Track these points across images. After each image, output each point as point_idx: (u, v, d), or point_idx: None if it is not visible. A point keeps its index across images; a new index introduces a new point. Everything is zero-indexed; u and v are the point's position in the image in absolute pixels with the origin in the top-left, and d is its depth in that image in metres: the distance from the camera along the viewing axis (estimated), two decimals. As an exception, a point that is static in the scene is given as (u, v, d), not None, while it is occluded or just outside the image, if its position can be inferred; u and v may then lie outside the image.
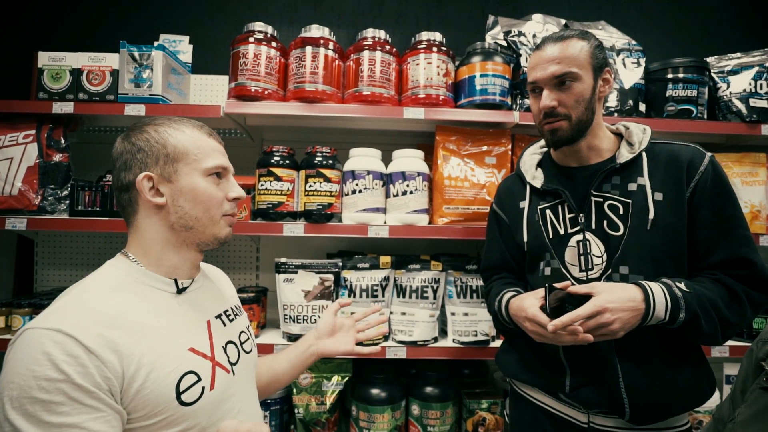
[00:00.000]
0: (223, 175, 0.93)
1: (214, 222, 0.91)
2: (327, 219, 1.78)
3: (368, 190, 1.79)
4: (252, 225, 1.77)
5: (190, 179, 0.88)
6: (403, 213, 1.80)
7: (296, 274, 1.83)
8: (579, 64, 1.21)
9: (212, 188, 0.90)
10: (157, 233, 0.89)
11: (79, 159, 2.01)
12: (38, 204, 1.75)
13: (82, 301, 0.79)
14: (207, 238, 0.92)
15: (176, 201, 0.88)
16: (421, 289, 1.85)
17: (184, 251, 0.92)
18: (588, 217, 1.24)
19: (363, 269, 1.84)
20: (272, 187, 1.78)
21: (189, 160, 0.88)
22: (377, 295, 1.83)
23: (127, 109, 1.71)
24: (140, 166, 0.87)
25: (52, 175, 1.77)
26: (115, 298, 0.82)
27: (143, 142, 0.88)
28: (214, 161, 0.90)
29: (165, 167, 0.87)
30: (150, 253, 0.90)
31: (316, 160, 1.82)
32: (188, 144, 0.89)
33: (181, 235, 0.90)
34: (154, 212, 0.89)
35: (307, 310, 1.83)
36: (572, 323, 1.05)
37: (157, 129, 0.89)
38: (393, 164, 1.87)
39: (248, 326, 1.12)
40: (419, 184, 1.83)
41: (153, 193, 0.88)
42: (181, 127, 0.90)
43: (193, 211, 0.88)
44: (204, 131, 0.92)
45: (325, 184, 1.79)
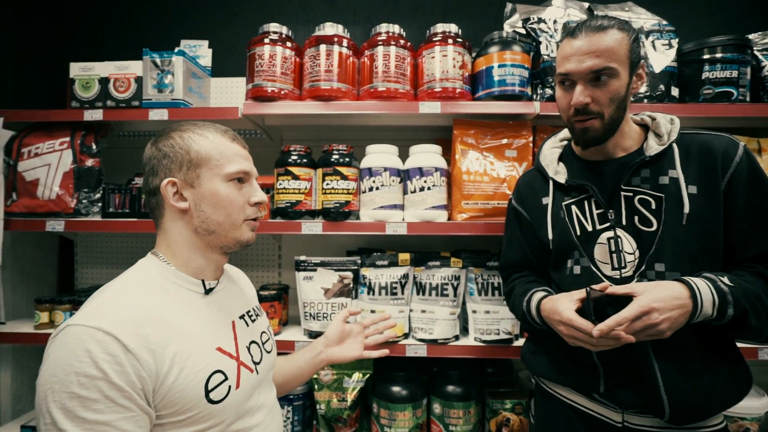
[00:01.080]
0: (246, 180, 0.97)
1: (236, 226, 0.95)
2: (345, 217, 1.82)
3: (385, 186, 1.83)
4: (271, 224, 1.84)
5: (211, 184, 0.91)
6: (421, 209, 1.84)
7: (315, 272, 1.90)
8: (618, 59, 1.17)
9: (233, 193, 0.93)
10: (182, 236, 0.94)
11: (108, 163, 2.15)
12: (74, 207, 1.90)
13: (120, 299, 0.83)
14: (229, 242, 0.96)
15: (199, 206, 0.92)
16: (441, 287, 1.89)
17: (209, 254, 0.96)
18: (618, 213, 1.23)
19: (382, 267, 1.89)
20: (290, 186, 1.86)
21: (211, 165, 0.92)
22: (396, 292, 1.87)
23: (151, 114, 1.84)
24: (165, 171, 0.92)
25: (86, 180, 1.92)
26: (150, 296, 0.86)
27: (168, 148, 0.92)
28: (235, 166, 0.94)
29: (188, 173, 0.91)
30: (177, 254, 0.94)
31: (333, 158, 1.88)
32: (211, 149, 0.92)
33: (204, 239, 0.94)
34: (179, 216, 0.93)
35: (326, 308, 1.90)
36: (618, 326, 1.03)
37: (182, 135, 0.93)
38: (410, 160, 1.91)
39: (268, 326, 1.16)
40: (437, 180, 1.87)
41: (177, 198, 0.92)
42: (205, 133, 0.94)
43: (215, 216, 0.92)
44: (227, 136, 0.96)
45: (342, 182, 1.85)
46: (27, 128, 1.96)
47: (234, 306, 1.04)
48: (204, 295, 0.95)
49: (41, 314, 1.92)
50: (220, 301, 0.99)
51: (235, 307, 1.04)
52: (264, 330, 1.12)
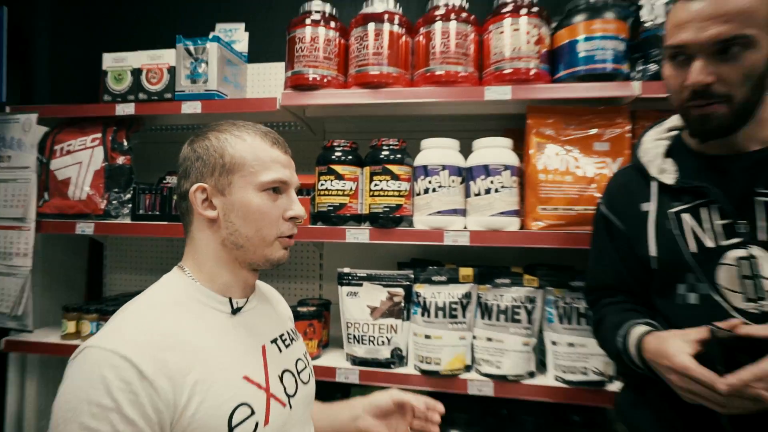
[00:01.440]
0: (283, 190, 0.93)
1: (267, 243, 0.91)
2: (395, 223, 1.70)
3: (444, 188, 1.68)
4: (311, 230, 1.73)
5: (243, 193, 0.89)
6: (487, 215, 1.66)
7: (361, 287, 1.76)
8: (755, 23, 0.97)
9: (266, 205, 0.90)
10: (209, 247, 0.91)
11: (139, 160, 2.08)
12: (104, 208, 1.88)
13: (139, 320, 0.81)
14: (258, 259, 0.92)
15: (228, 216, 0.89)
16: (511, 310, 1.67)
17: (237, 270, 0.93)
18: (752, 225, 1.04)
19: (439, 283, 1.72)
20: (333, 187, 1.74)
21: (245, 172, 0.89)
22: (456, 315, 1.69)
23: (184, 107, 1.77)
24: (197, 175, 0.90)
25: (116, 179, 1.89)
26: (172, 315, 0.83)
27: (203, 150, 0.90)
28: (271, 174, 0.90)
29: (220, 179, 0.89)
30: (204, 268, 0.91)
31: (382, 154, 1.74)
32: (247, 154, 0.89)
33: (232, 253, 0.91)
34: (207, 225, 0.91)
35: (373, 330, 1.75)
36: (757, 381, 0.86)
37: (218, 136, 0.91)
38: (473, 156, 1.72)
39: (305, 353, 1.10)
40: (507, 180, 1.66)
41: (205, 206, 0.89)
42: (243, 135, 0.91)
43: (244, 229, 0.89)
44: (268, 139, 0.93)
45: (392, 183, 1.71)
46: (60, 124, 1.97)
47: (265, 328, 0.99)
48: (231, 314, 0.91)
49: (68, 323, 1.91)
50: (249, 323, 0.95)
51: (267, 329, 1.00)
52: (300, 357, 1.06)
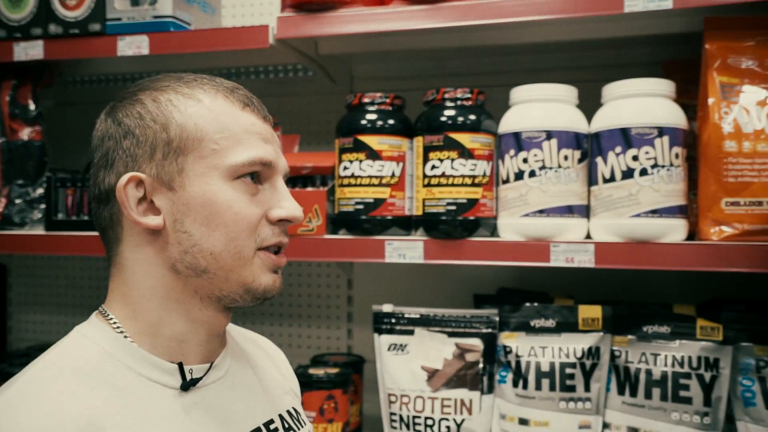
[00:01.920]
0: (266, 177, 0.80)
1: (243, 260, 0.78)
2: (467, 231, 1.27)
3: (550, 170, 1.24)
4: (330, 243, 1.32)
5: (203, 185, 0.76)
6: (627, 217, 1.20)
7: (412, 336, 1.34)
8: None
9: (241, 201, 0.77)
10: (149, 278, 0.78)
11: (56, 133, 1.78)
12: (2, 211, 1.46)
13: (29, 402, 0.68)
14: (232, 289, 0.78)
15: (180, 223, 0.77)
16: (674, 381, 1.19)
17: (196, 311, 0.79)
18: None
19: (543, 330, 1.31)
20: (363, 172, 1.31)
21: (204, 151, 0.77)
22: (574, 387, 1.23)
23: (121, 44, 1.42)
24: (127, 161, 0.77)
25: (20, 164, 1.48)
26: (81, 396, 0.70)
27: (133, 121, 0.77)
28: (246, 153, 0.78)
29: (165, 164, 0.76)
30: (140, 312, 0.78)
31: (445, 115, 1.28)
32: (205, 123, 0.77)
33: (189, 283, 0.77)
34: (146, 241, 0.78)
35: (432, 408, 1.29)
36: None
37: (157, 97, 0.78)
38: (603, 114, 1.26)
39: None
40: (663, 153, 1.19)
41: (143, 209, 0.76)
42: (197, 93, 0.79)
43: (208, 241, 0.77)
44: (236, 98, 0.80)
45: (462, 163, 1.26)
46: None
47: (241, 410, 0.83)
48: (180, 392, 0.76)
49: None
50: (213, 404, 0.79)
51: (244, 413, 0.83)
52: None
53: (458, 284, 1.65)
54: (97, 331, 0.77)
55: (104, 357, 0.75)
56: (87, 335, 0.77)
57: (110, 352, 0.75)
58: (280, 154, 0.83)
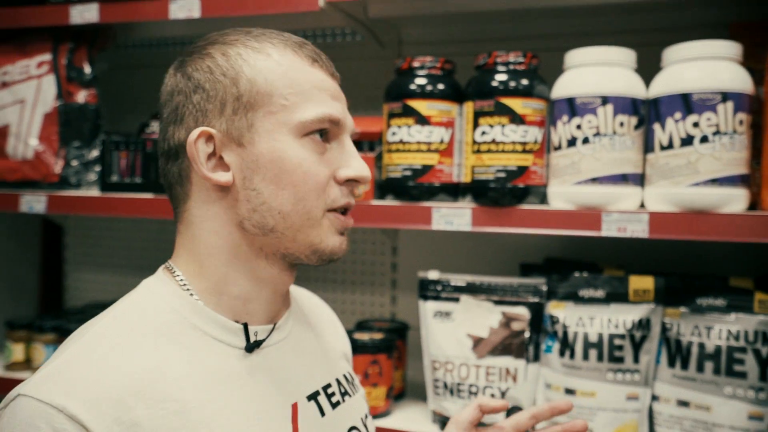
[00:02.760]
0: (333, 136, 0.78)
1: (313, 221, 0.76)
2: (517, 198, 1.24)
3: (604, 137, 1.18)
4: (377, 209, 1.31)
5: (272, 141, 0.75)
6: (685, 186, 1.13)
7: (458, 304, 1.32)
8: None
9: (310, 159, 0.75)
10: (217, 236, 0.77)
11: (109, 96, 1.75)
12: (59, 173, 1.48)
13: (96, 357, 0.69)
14: (299, 249, 0.77)
15: (249, 179, 0.75)
16: (728, 355, 1.14)
17: (262, 270, 0.78)
18: None
19: (592, 301, 1.26)
20: (412, 138, 1.28)
21: (274, 106, 0.75)
22: (622, 358, 1.20)
23: (173, 7, 1.43)
24: (197, 116, 0.75)
25: (76, 126, 1.49)
26: (150, 351, 0.71)
27: (203, 75, 0.76)
28: (316, 109, 0.75)
29: (234, 118, 0.75)
30: (206, 270, 0.77)
31: (496, 79, 1.23)
32: (275, 77, 0.75)
33: (255, 242, 0.76)
34: (215, 198, 0.77)
35: (477, 375, 1.28)
36: None
37: (226, 51, 0.76)
38: (662, 79, 1.18)
39: (366, 414, 0.94)
40: (726, 120, 1.12)
41: (213, 164, 0.75)
42: (266, 47, 0.77)
43: (277, 200, 0.75)
44: (304, 54, 0.78)
45: (512, 129, 1.22)
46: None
47: (301, 374, 0.83)
48: (245, 353, 0.76)
49: (14, 347, 1.59)
50: (274, 365, 0.79)
51: (304, 375, 0.83)
52: (356, 424, 0.88)
53: (504, 253, 1.61)
54: (165, 288, 0.78)
55: (170, 314, 0.76)
56: (155, 291, 0.78)
57: (177, 309, 0.76)
58: (347, 112, 0.81)
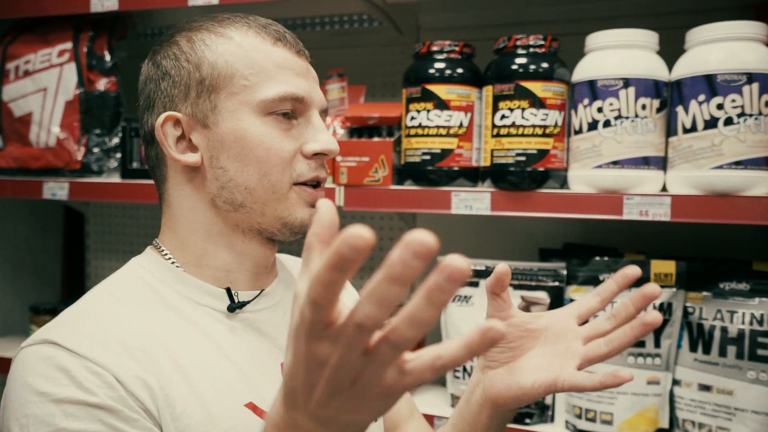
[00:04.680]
0: (299, 113, 0.80)
1: (278, 195, 0.79)
2: (536, 182, 1.24)
3: (626, 120, 1.18)
4: (396, 193, 1.32)
5: (235, 121, 0.78)
6: (707, 169, 1.13)
7: (477, 289, 1.34)
8: None
9: (272, 136, 0.78)
10: (193, 213, 0.80)
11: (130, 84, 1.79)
12: (81, 159, 1.50)
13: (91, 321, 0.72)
14: (269, 223, 0.80)
15: (216, 159, 0.79)
16: (752, 340, 1.15)
17: (238, 243, 0.81)
18: None
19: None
20: (431, 122, 1.28)
21: (235, 87, 0.78)
22: (643, 342, 1.21)
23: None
24: (164, 101, 0.80)
25: (98, 114, 1.51)
26: (141, 314, 0.75)
27: (170, 62, 0.79)
28: (278, 87, 0.78)
29: (199, 102, 0.78)
30: (187, 245, 0.81)
31: (516, 63, 1.23)
32: (236, 59, 0.78)
33: (229, 218, 0.79)
34: (186, 178, 0.80)
35: None
36: None
37: (190, 38, 0.79)
38: (685, 61, 1.18)
39: None
40: (752, 102, 1.11)
41: (182, 147, 0.79)
42: (228, 31, 0.79)
43: (242, 176, 0.78)
44: (267, 34, 0.80)
45: (532, 112, 1.22)
46: (12, 30, 1.60)
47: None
48: (227, 314, 0.80)
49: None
50: (263, 328, 0.82)
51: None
52: None
53: (522, 238, 1.61)
54: (151, 261, 0.81)
55: (158, 283, 0.79)
56: (141, 264, 0.81)
57: (162, 278, 0.79)
58: (316, 87, 0.82)
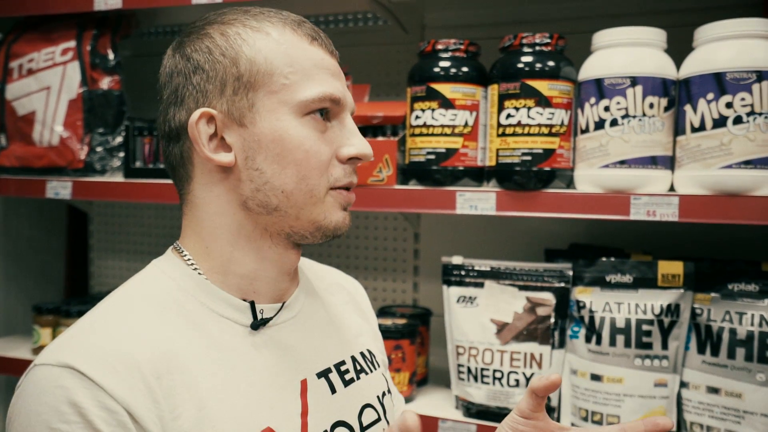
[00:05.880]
0: (334, 114, 0.79)
1: (315, 198, 0.78)
2: (542, 182, 1.24)
3: (633, 119, 1.18)
4: (400, 193, 1.32)
5: (274, 121, 0.76)
6: (716, 168, 1.13)
7: (482, 289, 1.33)
8: None
9: (312, 138, 0.77)
10: (222, 216, 0.79)
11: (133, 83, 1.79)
12: (84, 159, 1.51)
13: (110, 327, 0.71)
14: (303, 227, 0.79)
15: (251, 159, 0.76)
16: (761, 341, 1.14)
17: (267, 249, 0.80)
18: None
19: (620, 286, 1.26)
20: (436, 121, 1.28)
21: (274, 85, 0.76)
22: (650, 344, 1.20)
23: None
24: (197, 97, 0.76)
25: (100, 113, 1.52)
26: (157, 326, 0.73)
27: (202, 55, 0.76)
28: (317, 88, 0.76)
29: (235, 99, 0.76)
30: (212, 250, 0.79)
31: (522, 61, 1.23)
32: (275, 56, 0.76)
33: (260, 221, 0.78)
34: (218, 179, 0.78)
35: (501, 360, 1.29)
36: None
37: (225, 31, 0.77)
38: (694, 59, 1.17)
39: (385, 392, 0.92)
40: (762, 100, 1.11)
41: (215, 145, 0.76)
42: (265, 26, 0.77)
43: (279, 179, 0.76)
44: (303, 32, 0.78)
45: (538, 111, 1.22)
46: (16, 28, 1.61)
47: (311, 351, 0.84)
48: (251, 330, 0.78)
49: (41, 331, 1.63)
50: (283, 343, 0.80)
51: (314, 352, 0.84)
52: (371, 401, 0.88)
53: (528, 239, 1.61)
54: (173, 267, 0.79)
55: (178, 291, 0.77)
56: (163, 269, 0.80)
57: (184, 287, 0.77)
58: (347, 90, 0.81)
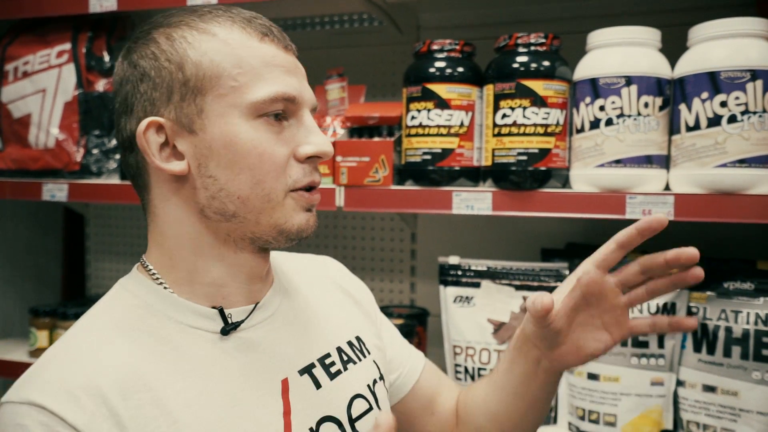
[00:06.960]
0: (290, 114, 0.76)
1: (273, 203, 0.75)
2: (538, 182, 1.25)
3: (628, 118, 1.19)
4: (396, 194, 1.32)
5: (224, 125, 0.73)
6: (711, 167, 1.14)
7: (478, 289, 1.34)
8: None
9: (265, 140, 0.74)
10: (181, 225, 0.76)
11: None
12: (80, 161, 1.52)
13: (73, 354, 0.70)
14: (264, 231, 0.76)
15: (204, 167, 0.74)
16: (756, 340, 1.15)
17: (230, 255, 0.77)
18: None
19: None
20: (431, 122, 1.29)
21: (223, 88, 0.73)
22: (646, 343, 1.22)
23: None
24: (145, 105, 0.74)
25: (96, 115, 1.52)
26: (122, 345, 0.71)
27: (148, 61, 0.74)
28: (269, 88, 0.73)
29: (183, 105, 0.73)
30: (176, 261, 0.77)
31: (517, 61, 1.24)
32: (222, 58, 0.73)
33: (220, 228, 0.75)
34: (174, 188, 0.75)
35: (498, 360, 1.29)
36: None
37: (170, 35, 0.74)
38: (688, 59, 1.18)
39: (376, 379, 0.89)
40: (756, 99, 1.11)
41: (167, 154, 0.74)
42: (211, 27, 0.74)
43: (234, 184, 0.74)
44: (253, 29, 0.75)
45: (534, 111, 1.22)
46: (11, 30, 1.63)
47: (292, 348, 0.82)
48: (221, 336, 0.75)
49: (38, 333, 1.64)
50: (259, 345, 0.78)
51: (296, 349, 0.82)
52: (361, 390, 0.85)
53: (524, 239, 1.61)
54: (137, 284, 0.77)
55: (144, 309, 0.75)
56: (128, 288, 0.78)
57: (149, 303, 0.76)
58: (306, 85, 0.78)
